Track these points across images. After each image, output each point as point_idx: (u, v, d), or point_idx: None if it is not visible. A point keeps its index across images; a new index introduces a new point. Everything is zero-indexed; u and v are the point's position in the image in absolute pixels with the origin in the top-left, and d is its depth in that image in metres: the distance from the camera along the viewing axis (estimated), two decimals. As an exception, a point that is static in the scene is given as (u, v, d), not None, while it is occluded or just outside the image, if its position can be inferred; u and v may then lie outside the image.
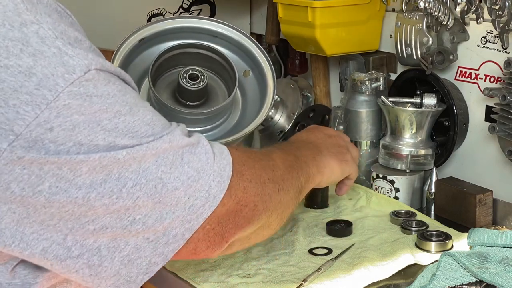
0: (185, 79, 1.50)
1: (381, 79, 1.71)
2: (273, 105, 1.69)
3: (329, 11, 1.74)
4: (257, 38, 2.28)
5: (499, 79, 1.55)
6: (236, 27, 1.57)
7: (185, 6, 2.20)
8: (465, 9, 1.54)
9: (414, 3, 1.63)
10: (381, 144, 1.67)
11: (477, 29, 1.60)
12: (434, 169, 1.62)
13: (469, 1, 1.52)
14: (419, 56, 1.64)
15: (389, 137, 1.66)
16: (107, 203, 0.90)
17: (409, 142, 1.63)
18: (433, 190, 1.60)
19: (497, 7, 1.45)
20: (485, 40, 1.59)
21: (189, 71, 1.50)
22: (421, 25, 1.63)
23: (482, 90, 1.59)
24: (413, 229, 1.46)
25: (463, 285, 1.23)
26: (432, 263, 1.32)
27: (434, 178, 1.60)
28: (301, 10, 1.75)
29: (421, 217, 1.53)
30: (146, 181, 0.92)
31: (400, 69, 1.80)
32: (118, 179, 0.90)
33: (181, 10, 2.19)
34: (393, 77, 1.79)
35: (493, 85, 1.56)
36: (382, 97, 1.66)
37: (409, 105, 1.64)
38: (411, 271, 1.30)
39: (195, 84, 1.50)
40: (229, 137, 1.49)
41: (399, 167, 1.63)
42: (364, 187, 1.66)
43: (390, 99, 1.65)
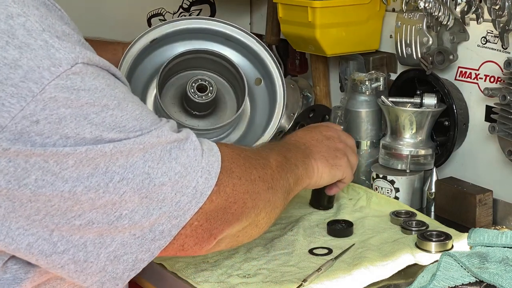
0: (192, 90, 1.46)
1: (381, 79, 1.71)
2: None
3: (329, 11, 1.74)
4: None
5: (499, 79, 1.55)
6: (250, 33, 1.54)
7: (185, 6, 2.20)
8: (465, 9, 1.54)
9: (414, 3, 1.63)
10: (381, 144, 1.67)
11: (477, 29, 1.59)
12: (434, 169, 1.62)
13: (469, 1, 1.52)
14: (419, 56, 1.64)
15: (389, 137, 1.66)
16: (94, 197, 0.90)
17: (409, 142, 1.63)
18: (433, 190, 1.60)
19: (497, 7, 1.45)
20: (485, 40, 1.59)
21: (197, 81, 1.47)
22: (421, 25, 1.63)
23: (482, 90, 1.59)
24: (413, 229, 1.46)
25: (463, 285, 1.23)
26: (432, 263, 1.32)
27: (434, 178, 1.60)
28: (301, 10, 1.75)
29: (421, 217, 1.53)
30: (133, 175, 0.92)
31: (400, 69, 1.80)
32: (105, 173, 0.90)
33: (181, 10, 2.19)
34: (393, 77, 1.79)
35: (493, 85, 1.56)
36: (382, 97, 1.66)
37: (409, 105, 1.64)
38: (411, 271, 1.30)
39: (203, 96, 1.47)
40: None
41: (399, 167, 1.63)
42: (364, 187, 1.66)
43: (390, 99, 1.65)
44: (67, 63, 0.87)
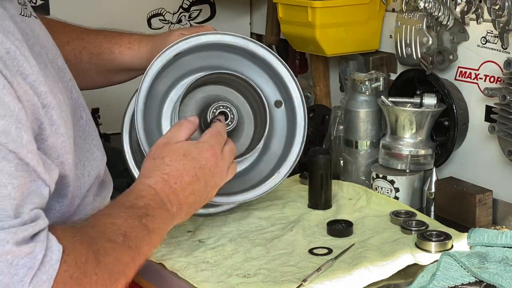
0: (213, 115, 1.39)
1: (381, 79, 1.71)
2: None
3: (329, 11, 1.74)
4: (257, 38, 2.28)
5: (499, 79, 1.55)
6: (275, 53, 1.47)
7: (185, 6, 2.20)
8: (465, 9, 1.54)
9: (414, 3, 1.63)
10: (381, 144, 1.67)
11: (477, 29, 1.60)
12: (434, 169, 1.62)
13: (469, 1, 1.52)
14: (419, 56, 1.64)
15: (389, 137, 1.66)
16: None
17: (409, 142, 1.63)
18: (433, 190, 1.60)
19: (497, 7, 1.46)
20: (485, 40, 1.59)
21: (219, 107, 1.40)
22: (421, 25, 1.63)
23: (482, 90, 1.59)
24: (413, 229, 1.46)
25: (463, 285, 1.23)
26: (432, 263, 1.32)
27: (434, 178, 1.60)
28: (301, 10, 1.75)
29: (421, 217, 1.53)
30: None
31: (400, 69, 1.80)
32: None
33: (181, 10, 2.19)
34: (393, 77, 1.79)
35: (493, 85, 1.56)
36: (382, 97, 1.66)
37: (409, 105, 1.65)
38: (411, 271, 1.30)
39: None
40: (256, 193, 1.43)
41: (399, 167, 1.63)
42: (364, 187, 1.66)
43: (390, 99, 1.65)
44: None
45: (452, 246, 1.38)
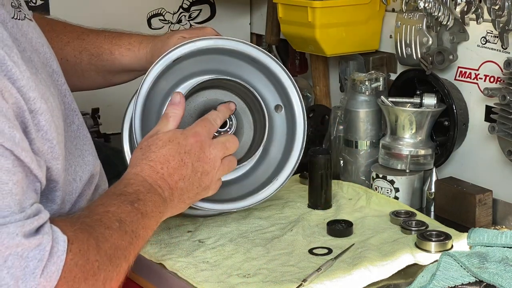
0: None
1: (381, 79, 1.71)
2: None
3: (329, 11, 1.74)
4: (257, 38, 2.28)
5: (499, 79, 1.55)
6: (275, 58, 1.47)
7: (185, 6, 2.20)
8: (465, 9, 1.54)
9: (414, 3, 1.63)
10: (381, 144, 1.67)
11: (477, 29, 1.60)
12: (434, 169, 1.62)
13: (469, 1, 1.52)
14: (419, 56, 1.64)
15: (389, 137, 1.66)
16: None
17: (409, 142, 1.63)
18: (433, 190, 1.60)
19: (497, 7, 1.46)
20: (485, 40, 1.59)
21: None
22: (421, 25, 1.63)
23: (482, 90, 1.59)
24: (413, 229, 1.46)
25: (463, 285, 1.23)
26: (432, 263, 1.32)
27: (434, 178, 1.60)
28: (301, 10, 1.75)
29: (421, 217, 1.53)
30: None
31: (400, 69, 1.80)
32: None
33: (181, 10, 2.19)
34: (393, 77, 1.79)
35: (493, 85, 1.56)
36: (382, 97, 1.66)
37: (409, 105, 1.65)
38: (411, 271, 1.30)
39: (222, 131, 1.41)
40: (254, 200, 1.42)
41: (399, 167, 1.63)
42: (364, 187, 1.67)
43: (390, 99, 1.65)
44: None
45: (452, 246, 1.38)
